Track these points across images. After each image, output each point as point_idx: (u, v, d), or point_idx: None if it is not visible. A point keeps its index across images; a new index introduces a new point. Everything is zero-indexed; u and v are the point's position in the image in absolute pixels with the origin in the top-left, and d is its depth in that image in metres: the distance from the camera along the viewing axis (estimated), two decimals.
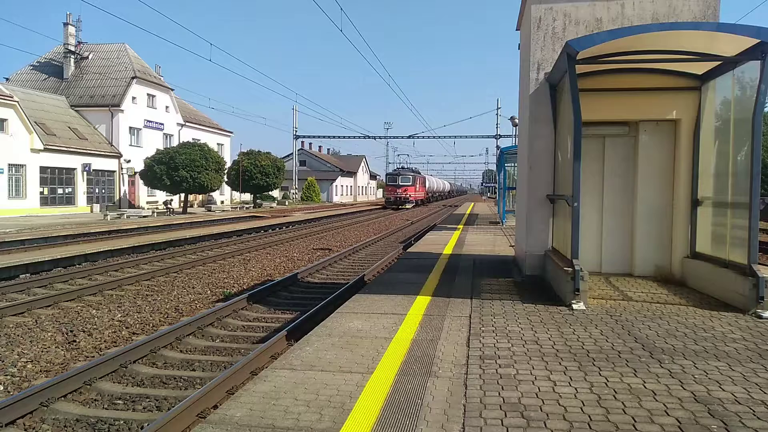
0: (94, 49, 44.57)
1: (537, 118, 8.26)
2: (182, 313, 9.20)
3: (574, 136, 6.42)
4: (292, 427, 3.32)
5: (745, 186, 6.24)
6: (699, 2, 7.72)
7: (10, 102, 31.60)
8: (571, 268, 6.30)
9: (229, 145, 58.33)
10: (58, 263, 14.02)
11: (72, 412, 5.15)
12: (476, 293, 7.32)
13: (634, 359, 4.51)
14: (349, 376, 4.18)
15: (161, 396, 5.53)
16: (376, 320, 5.87)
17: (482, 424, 3.31)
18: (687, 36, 6.40)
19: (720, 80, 7.18)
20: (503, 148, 25.72)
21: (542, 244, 8.32)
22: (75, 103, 40.76)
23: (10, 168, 32.17)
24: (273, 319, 8.72)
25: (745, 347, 4.84)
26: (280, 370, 4.35)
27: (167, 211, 36.76)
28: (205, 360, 6.72)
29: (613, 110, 7.87)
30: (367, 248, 18.54)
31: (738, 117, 6.72)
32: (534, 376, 4.14)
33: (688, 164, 7.75)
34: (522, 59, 9.61)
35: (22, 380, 6.05)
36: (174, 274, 13.02)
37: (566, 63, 6.44)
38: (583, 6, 8.02)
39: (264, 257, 16.13)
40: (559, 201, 7.71)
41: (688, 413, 3.46)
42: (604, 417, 3.41)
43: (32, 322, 8.35)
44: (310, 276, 12.63)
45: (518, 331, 5.41)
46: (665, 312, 6.15)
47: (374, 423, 3.36)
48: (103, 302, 9.87)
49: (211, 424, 3.38)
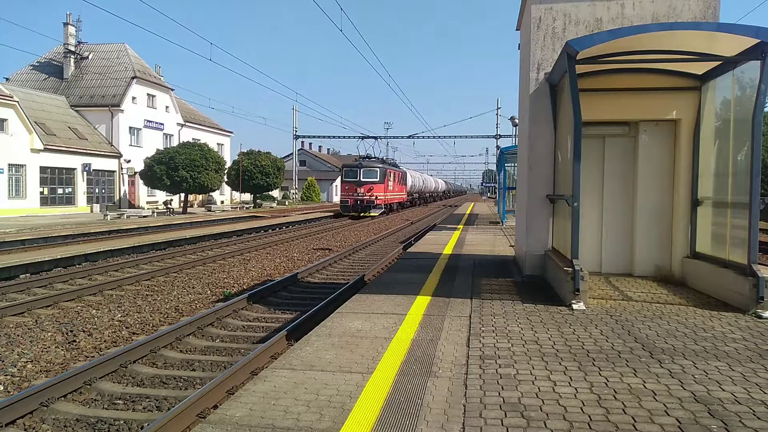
0: (94, 49, 44.57)
1: (537, 118, 8.27)
2: (182, 313, 9.20)
3: (574, 136, 6.42)
4: (292, 427, 3.32)
5: (745, 186, 6.24)
6: (699, 2, 7.72)
7: (10, 102, 31.60)
8: (571, 268, 6.30)
9: (229, 145, 58.35)
10: (58, 263, 14.02)
11: (72, 412, 5.15)
12: (476, 293, 7.32)
13: (634, 359, 4.51)
14: (349, 376, 4.18)
15: (161, 396, 5.52)
16: (376, 320, 5.87)
17: (482, 424, 3.31)
18: (687, 36, 6.41)
19: (720, 80, 7.18)
20: (503, 148, 25.72)
21: (542, 244, 8.32)
22: (75, 103, 40.76)
23: (10, 168, 32.17)
24: (273, 319, 8.72)
25: (745, 347, 4.84)
26: (280, 370, 4.35)
27: (167, 211, 36.74)
28: (205, 360, 6.72)
29: (613, 110, 7.87)
30: (367, 248, 18.53)
31: (738, 117, 6.72)
32: (534, 376, 4.14)
33: (688, 164, 7.75)
34: (522, 59, 9.61)
35: (22, 380, 6.04)
36: (174, 274, 13.01)
37: (566, 63, 6.44)
38: (583, 6, 8.03)
39: (264, 257, 16.12)
40: (559, 201, 7.71)
41: (688, 413, 3.46)
42: (604, 417, 3.41)
43: (32, 322, 8.35)
44: (310, 276, 12.62)
45: (518, 331, 5.41)
46: (665, 312, 6.15)
47: (374, 423, 3.36)
48: (103, 302, 9.87)
49: (211, 424, 3.38)
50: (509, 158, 22.61)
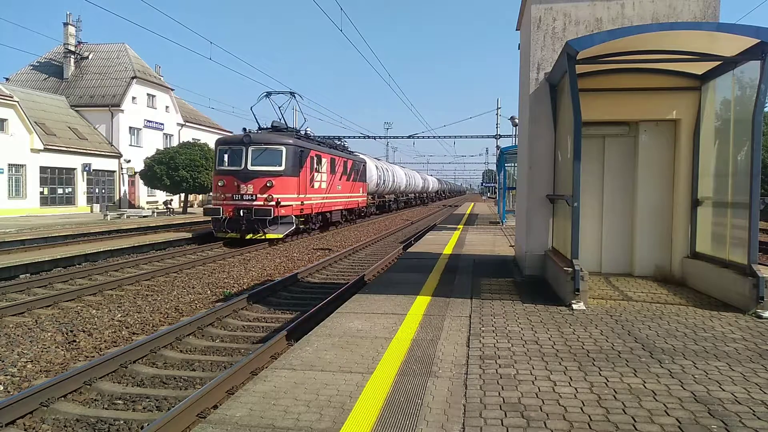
0: (94, 49, 44.54)
1: (537, 118, 8.27)
2: (182, 313, 9.20)
3: (574, 136, 6.42)
4: (292, 427, 3.32)
5: (745, 186, 6.24)
6: (699, 2, 7.72)
7: (10, 102, 31.58)
8: (571, 268, 6.30)
9: None
10: (58, 263, 14.02)
11: (72, 412, 5.15)
12: (476, 293, 7.32)
13: (634, 359, 4.51)
14: (349, 376, 4.18)
15: (161, 396, 5.53)
16: (376, 320, 5.87)
17: (482, 424, 3.31)
18: (687, 36, 6.40)
19: (720, 80, 7.18)
20: (503, 148, 25.72)
21: (542, 244, 8.32)
22: (75, 103, 40.73)
23: (10, 168, 32.14)
24: (273, 319, 8.72)
25: (745, 347, 4.84)
26: (280, 370, 4.35)
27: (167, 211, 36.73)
28: (205, 360, 6.72)
29: (613, 110, 7.86)
30: (367, 248, 18.53)
31: (738, 117, 6.72)
32: (534, 376, 4.14)
33: (688, 164, 7.75)
34: (522, 59, 9.61)
35: (22, 380, 6.04)
36: (174, 274, 13.01)
37: (566, 63, 6.43)
38: (583, 6, 8.02)
39: (264, 257, 16.12)
40: (559, 201, 7.71)
41: (688, 413, 3.46)
42: (604, 417, 3.41)
43: (32, 322, 8.35)
44: (310, 276, 12.62)
45: (518, 331, 5.41)
46: (665, 312, 6.15)
47: (374, 423, 3.36)
48: (103, 302, 9.87)
49: (211, 424, 3.38)
50: (509, 158, 22.62)
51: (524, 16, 9.23)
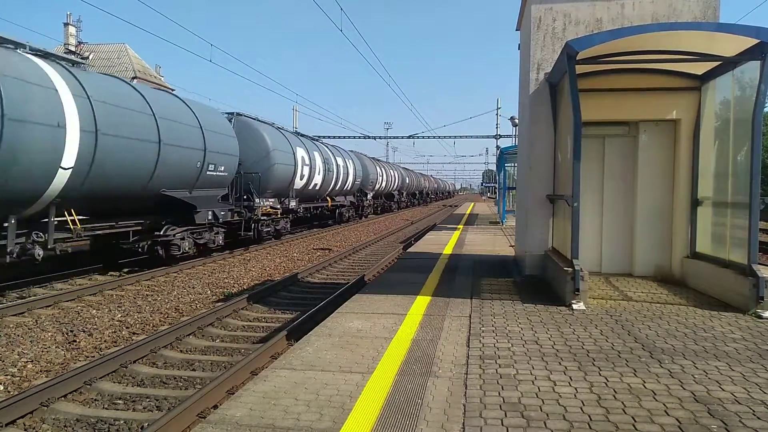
0: (94, 49, 44.48)
1: (537, 119, 8.27)
2: (182, 313, 9.20)
3: (574, 136, 6.42)
4: (292, 427, 3.32)
5: (745, 186, 6.25)
6: (699, 2, 7.73)
7: None
8: (571, 268, 6.30)
9: None
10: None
11: (72, 412, 5.15)
12: (476, 293, 7.32)
13: (634, 359, 4.51)
14: (349, 376, 4.18)
15: (161, 396, 5.53)
16: (376, 320, 5.88)
17: (482, 424, 3.31)
18: (687, 36, 6.41)
19: (720, 80, 7.18)
20: (503, 148, 25.71)
21: (542, 244, 8.32)
22: None
23: None
24: (273, 319, 8.72)
25: (745, 347, 4.84)
26: (280, 370, 4.35)
27: None
28: (205, 360, 6.72)
29: (613, 110, 7.87)
30: (367, 248, 18.53)
31: (738, 117, 6.72)
32: (534, 376, 4.14)
33: (688, 164, 7.76)
34: (522, 59, 9.61)
35: (22, 380, 6.04)
36: (174, 274, 13.01)
37: (566, 63, 6.44)
38: (583, 6, 8.03)
39: (264, 257, 16.12)
40: (559, 201, 7.71)
41: (688, 413, 3.46)
42: (604, 417, 3.41)
43: (32, 322, 8.34)
44: (310, 276, 12.62)
45: (518, 331, 5.41)
46: (665, 312, 6.15)
47: (374, 423, 3.36)
48: (103, 302, 9.87)
49: (211, 424, 3.38)
50: (509, 158, 22.61)
51: (524, 17, 9.24)
